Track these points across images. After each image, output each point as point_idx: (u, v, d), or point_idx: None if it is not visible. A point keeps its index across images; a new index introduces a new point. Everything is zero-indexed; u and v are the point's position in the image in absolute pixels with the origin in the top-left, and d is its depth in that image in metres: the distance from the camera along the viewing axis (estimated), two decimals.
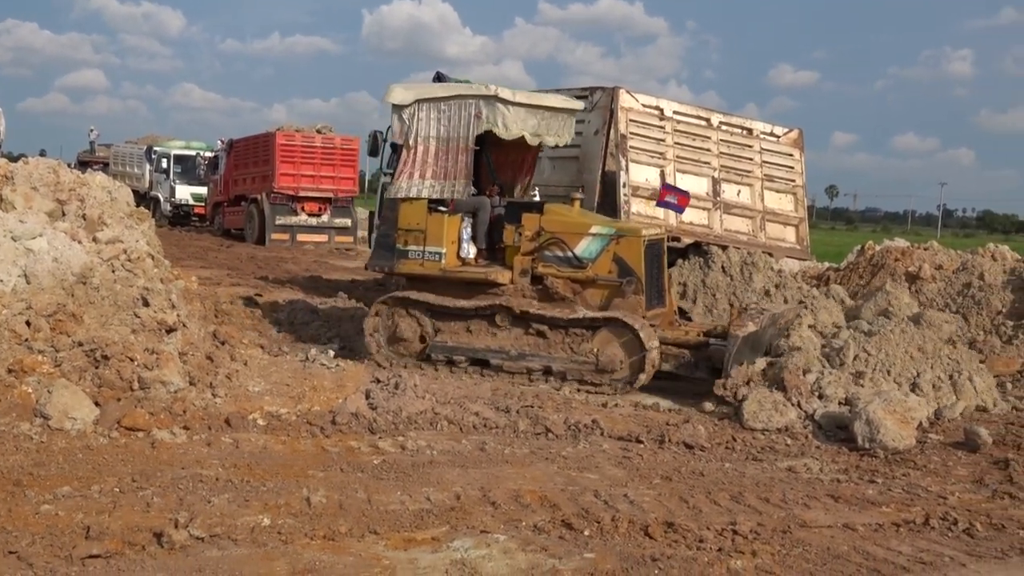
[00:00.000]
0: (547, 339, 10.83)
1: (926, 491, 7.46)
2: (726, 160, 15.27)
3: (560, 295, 10.90)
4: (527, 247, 11.15)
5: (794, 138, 16.28)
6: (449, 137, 11.27)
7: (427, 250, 11.29)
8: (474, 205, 11.64)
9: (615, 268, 10.88)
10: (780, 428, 9.12)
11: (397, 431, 8.37)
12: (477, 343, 11.09)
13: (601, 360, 10.58)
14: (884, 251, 17.48)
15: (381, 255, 11.68)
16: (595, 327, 10.69)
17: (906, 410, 8.87)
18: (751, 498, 7.00)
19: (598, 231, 11.07)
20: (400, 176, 11.34)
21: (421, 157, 11.27)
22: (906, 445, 8.63)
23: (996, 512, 6.96)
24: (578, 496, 6.81)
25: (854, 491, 7.36)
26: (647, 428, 8.91)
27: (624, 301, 10.77)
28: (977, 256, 16.44)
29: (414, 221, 11.33)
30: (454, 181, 11.19)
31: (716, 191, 15.06)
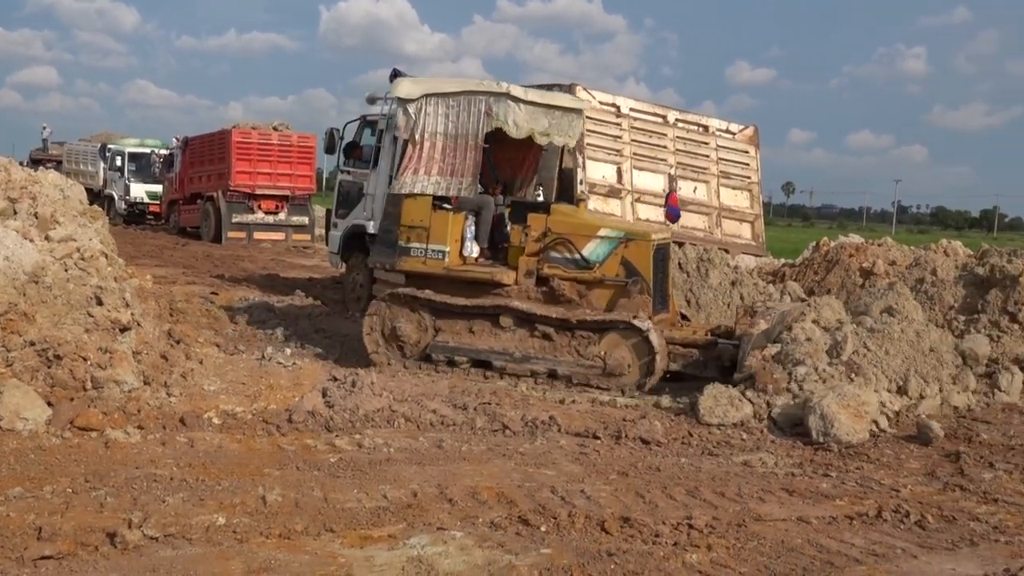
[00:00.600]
0: (553, 341, 10.73)
1: (879, 484, 7.54)
2: (682, 157, 15.37)
3: (566, 297, 10.83)
4: (532, 247, 11.05)
5: (750, 135, 16.40)
6: (457, 134, 11.19)
7: (430, 248, 11.16)
8: (478, 203, 11.55)
9: (623, 271, 10.83)
10: (736, 423, 9.18)
11: (354, 429, 8.35)
12: (480, 344, 10.97)
13: (609, 363, 10.52)
14: (839, 247, 17.64)
15: (382, 251, 11.51)
16: (603, 330, 10.62)
17: (859, 404, 8.96)
18: (707, 492, 7.05)
19: (607, 233, 10.99)
20: (404, 171, 11.24)
21: (427, 153, 11.18)
22: (859, 439, 8.71)
23: (947, 504, 7.05)
24: (535, 492, 6.83)
25: (808, 485, 7.43)
26: (604, 424, 8.94)
27: (630, 302, 10.72)
28: (930, 252, 16.65)
29: (417, 218, 11.19)
30: (461, 178, 11.13)
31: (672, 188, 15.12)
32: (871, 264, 16.27)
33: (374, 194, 15.29)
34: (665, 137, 15.32)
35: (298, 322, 13.93)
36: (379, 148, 15.33)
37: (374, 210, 15.27)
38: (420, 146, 11.18)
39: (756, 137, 16.39)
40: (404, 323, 11.23)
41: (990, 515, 6.85)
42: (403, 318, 11.25)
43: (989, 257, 15.51)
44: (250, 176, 29.58)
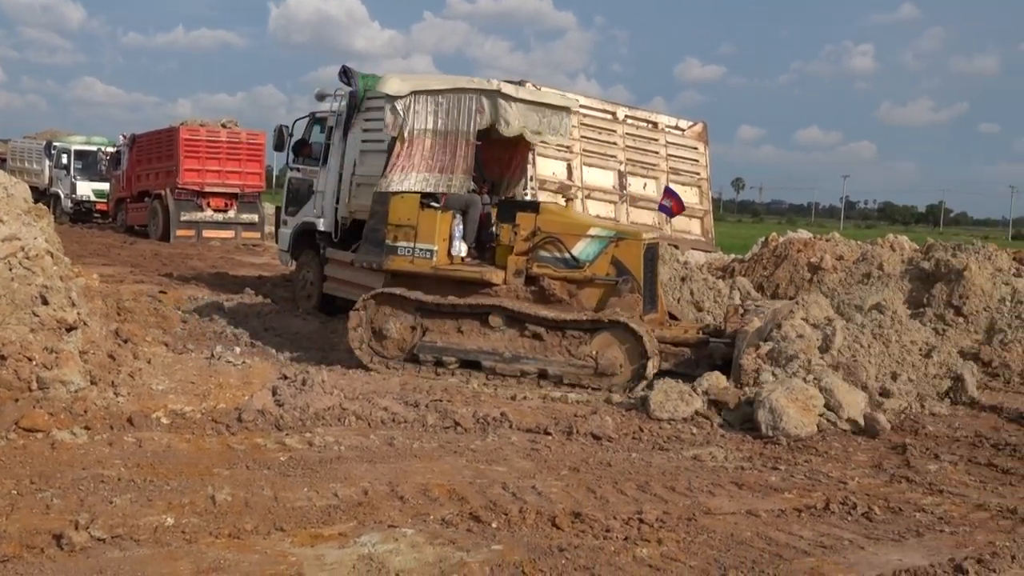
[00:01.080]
0: (543, 341, 10.64)
1: (827, 477, 7.62)
2: (632, 153, 15.44)
3: (556, 296, 10.75)
4: (521, 247, 10.93)
5: (699, 131, 16.50)
6: (447, 131, 11.15)
7: (418, 247, 11.04)
8: (465, 202, 11.45)
9: (613, 270, 10.76)
10: (686, 418, 9.24)
11: (304, 427, 8.31)
12: (468, 344, 10.86)
13: (601, 363, 10.45)
14: (787, 242, 17.80)
15: (369, 250, 11.41)
16: (595, 329, 10.55)
17: (808, 398, 9.04)
18: (657, 487, 7.09)
19: (597, 233, 10.93)
20: (392, 169, 11.14)
21: (416, 150, 11.11)
22: (808, 432, 8.80)
23: (894, 496, 7.14)
24: (486, 489, 6.83)
25: (757, 478, 7.49)
26: (555, 420, 8.95)
27: (621, 301, 10.67)
28: (876, 247, 16.85)
29: (405, 216, 11.08)
30: (451, 175, 11.10)
31: (622, 184, 15.20)
32: (819, 259, 16.43)
33: (324, 191, 15.23)
34: (615, 134, 15.37)
35: (248, 320, 13.84)
36: (328, 145, 15.28)
37: (324, 207, 15.22)
38: (409, 144, 11.11)
39: (705, 133, 16.49)
40: (391, 323, 11.09)
41: (935, 506, 6.95)
42: (390, 318, 11.12)
43: (934, 251, 15.74)
44: (199, 174, 29.34)
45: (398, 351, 11.09)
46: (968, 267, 14.39)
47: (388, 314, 11.11)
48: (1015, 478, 7.86)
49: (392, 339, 11.07)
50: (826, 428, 9.02)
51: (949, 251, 15.56)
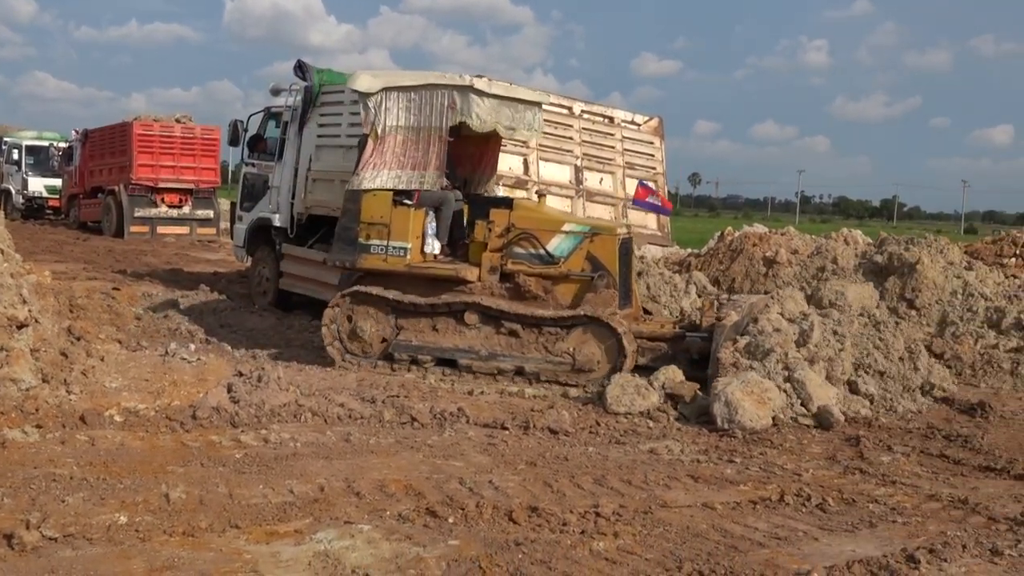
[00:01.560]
0: (520, 338, 10.62)
1: (782, 469, 7.68)
2: (588, 148, 15.45)
3: (532, 293, 10.68)
4: (496, 243, 10.85)
5: (654, 126, 16.55)
6: (420, 127, 11.05)
7: (391, 245, 10.95)
8: (438, 199, 11.36)
9: (588, 266, 10.74)
10: (642, 412, 9.28)
11: (260, 424, 8.26)
12: (444, 342, 10.81)
13: (578, 359, 10.43)
14: (742, 237, 17.91)
15: (341, 249, 11.28)
16: (571, 326, 10.54)
17: (763, 391, 9.11)
18: (614, 480, 7.11)
19: (572, 228, 10.89)
20: (364, 167, 11.03)
21: (388, 147, 11.01)
22: (763, 425, 8.87)
23: (847, 487, 7.21)
24: (443, 484, 6.82)
25: (713, 471, 7.54)
26: (512, 415, 8.97)
27: (596, 296, 10.64)
28: (831, 240, 16.99)
29: (378, 214, 10.99)
30: (423, 172, 11.01)
31: (578, 179, 15.22)
32: (774, 253, 16.54)
33: (279, 187, 15.15)
34: (571, 128, 15.38)
35: (203, 317, 13.73)
36: (284, 140, 15.19)
37: (279, 203, 15.14)
38: (381, 140, 11.02)
39: (661, 128, 16.54)
40: (365, 322, 11.02)
41: (888, 497, 7.03)
42: (363, 316, 11.04)
43: (887, 245, 15.89)
44: (152, 169, 29.04)
45: (372, 350, 11.03)
46: (920, 261, 14.54)
47: (362, 313, 11.05)
48: (966, 469, 7.97)
49: (366, 338, 11.01)
50: (782, 421, 9.10)
51: (902, 245, 15.71)
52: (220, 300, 15.34)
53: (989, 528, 6.38)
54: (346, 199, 11.34)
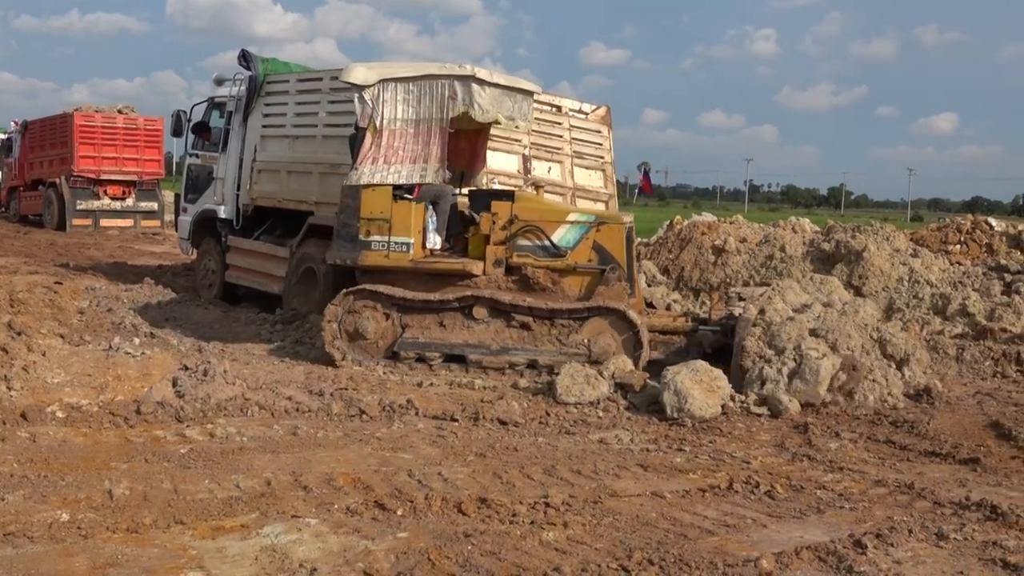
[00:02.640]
0: (532, 331, 10.58)
1: (731, 457, 7.74)
2: (536, 137, 15.40)
3: (541, 285, 10.64)
4: (499, 236, 10.78)
5: (602, 115, 16.55)
6: (419, 119, 10.86)
7: (393, 240, 10.81)
8: (435, 193, 11.25)
9: (595, 256, 10.72)
10: (592, 401, 9.32)
11: (206, 419, 8.19)
12: (453, 338, 10.73)
13: (594, 351, 10.41)
14: (691, 226, 18.02)
15: (342, 247, 11.06)
16: (586, 317, 10.54)
17: (712, 379, 9.18)
18: (563, 471, 7.13)
19: (577, 218, 10.87)
20: (363, 161, 10.81)
21: (387, 141, 10.81)
22: (712, 413, 8.93)
23: (795, 474, 7.28)
24: (392, 476, 6.80)
25: (663, 460, 7.58)
26: (462, 406, 8.97)
27: (608, 289, 10.62)
28: (779, 229, 17.14)
29: (378, 210, 10.82)
30: (424, 165, 10.85)
31: (526, 168, 15.17)
32: (723, 242, 16.66)
33: (224, 178, 15.03)
34: None
35: (148, 311, 13.59)
36: (228, 130, 15.07)
37: (224, 194, 15.03)
38: (379, 134, 10.81)
39: (608, 117, 16.54)
40: (368, 320, 10.84)
41: (836, 483, 7.10)
42: (367, 315, 10.86)
43: (834, 233, 16.07)
44: (95, 161, 28.72)
45: (376, 349, 10.90)
46: (867, 248, 14.73)
47: (365, 311, 10.89)
48: (912, 454, 8.07)
49: (369, 337, 10.85)
50: (732, 409, 9.16)
51: (849, 233, 15.91)
52: (165, 293, 15.20)
53: (935, 512, 6.47)
54: (344, 195, 11.13)
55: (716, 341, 10.71)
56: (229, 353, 11.00)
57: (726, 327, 11.09)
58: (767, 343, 9.92)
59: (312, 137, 13.93)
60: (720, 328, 10.91)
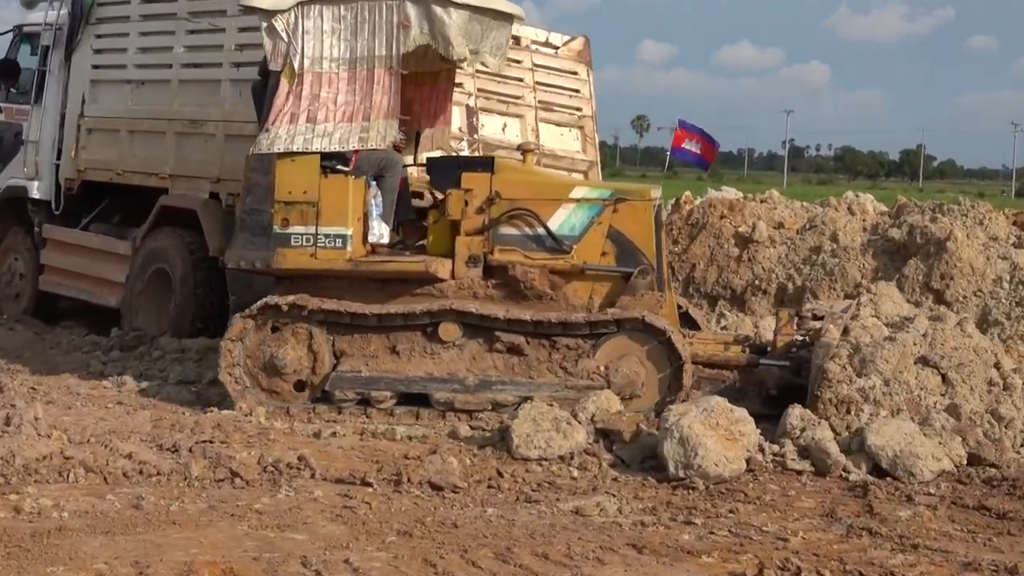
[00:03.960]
0: (525, 357, 10.54)
1: (760, 532, 7.78)
2: (485, 82, 15.41)
3: (535, 291, 10.62)
4: (473, 223, 10.74)
5: (578, 50, 16.57)
6: (356, 57, 10.69)
7: (322, 232, 10.66)
8: (379, 164, 11.12)
9: (613, 250, 10.74)
10: (564, 456, 9.34)
11: (9, 486, 8.15)
12: (411, 370, 10.64)
13: (615, 382, 10.39)
14: (706, 206, 18.02)
15: (248, 243, 10.87)
16: (602, 334, 10.50)
17: (732, 423, 9.22)
18: (523, 555, 7.13)
19: (585, 195, 10.93)
20: (277, 120, 10.64)
21: (310, 90, 10.66)
22: (733, 471, 8.97)
23: (851, 555, 7.32)
24: (278, 566, 6.79)
25: (664, 537, 7.60)
26: (378, 464, 9.00)
27: (636, 300, 10.58)
28: (829, 210, 17.23)
29: (300, 188, 10.68)
30: (365, 123, 10.70)
31: (472, 125, 15.19)
32: (750, 228, 16.73)
33: (38, 141, 14.95)
34: None
35: None
36: (44, 74, 14.99)
37: (39, 165, 14.93)
38: (299, 81, 10.64)
39: (587, 52, 16.52)
40: (287, 347, 10.72)
41: (909, 567, 7.14)
42: (286, 340, 10.75)
43: (907, 215, 16.20)
44: None
45: (300, 389, 10.83)
46: (953, 236, 14.84)
47: (282, 334, 10.78)
48: (1015, 525, 8.14)
49: (289, 370, 10.74)
50: (761, 464, 9.22)
51: (927, 214, 16.02)
52: None
53: None
54: (250, 168, 10.96)
55: (782, 379, 10.67)
56: (43, 392, 10.94)
57: (798, 360, 10.89)
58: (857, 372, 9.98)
59: (165, 82, 13.89)
60: (790, 361, 10.83)
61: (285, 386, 10.78)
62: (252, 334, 10.77)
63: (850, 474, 9.17)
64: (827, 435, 9.45)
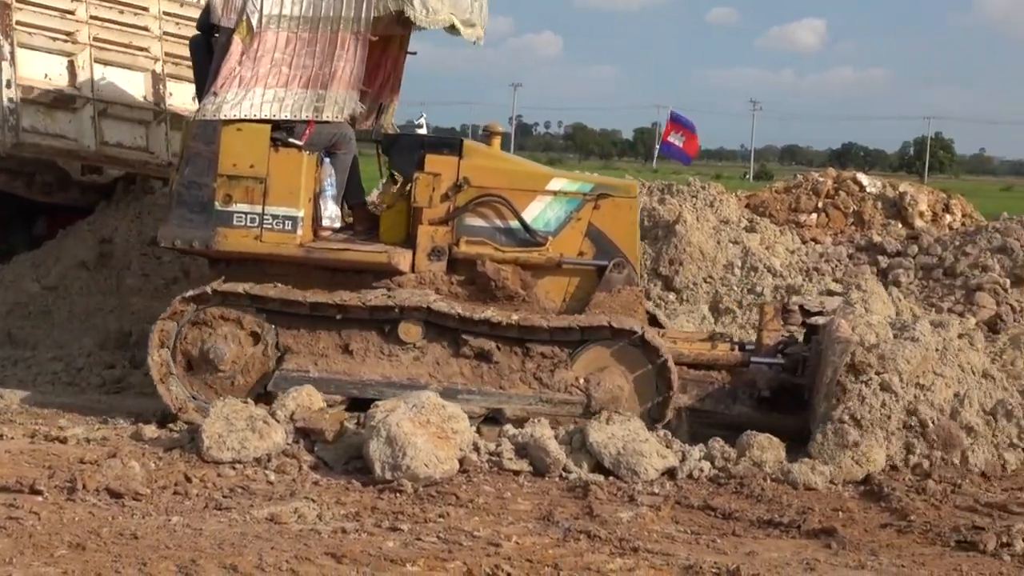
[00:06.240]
0: (495, 364, 10.36)
1: (471, 537, 7.86)
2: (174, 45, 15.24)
3: (506, 290, 10.48)
4: (439, 211, 10.58)
5: None
6: (319, 17, 10.37)
7: (270, 212, 10.41)
8: (332, 138, 10.90)
9: (591, 247, 10.68)
10: (260, 458, 9.31)
11: None
12: (366, 372, 10.43)
13: (596, 397, 10.25)
14: None
15: (184, 220, 10.56)
16: (580, 342, 10.34)
17: (444, 420, 9.28)
18: (210, 566, 7.08)
19: (564, 187, 10.81)
20: (225, 83, 10.34)
21: (266, 51, 10.35)
22: (446, 472, 9.05)
23: (567, 560, 7.45)
24: None
25: (367, 545, 7.63)
26: (49, 470, 8.86)
27: (612, 297, 10.52)
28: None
29: (247, 161, 10.42)
30: (322, 92, 10.43)
31: (158, 93, 15.00)
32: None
33: None
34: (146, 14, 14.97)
35: None
36: None
37: None
38: (256, 40, 10.32)
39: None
40: (225, 341, 10.49)
41: (627, 572, 7.31)
42: (223, 333, 10.51)
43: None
44: None
45: (237, 385, 10.59)
46: (681, 219, 15.20)
47: (219, 326, 10.56)
48: (741, 525, 8.40)
49: (225, 368, 10.51)
50: (476, 465, 9.31)
51: (656, 196, 16.39)
52: None
53: None
54: (191, 136, 10.75)
55: (774, 379, 10.79)
56: None
57: (794, 357, 11.08)
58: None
59: None
60: (785, 359, 11.00)
61: (221, 385, 10.59)
62: (184, 330, 10.58)
63: (571, 474, 9.34)
64: (546, 432, 9.60)
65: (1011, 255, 15.80)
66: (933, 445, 9.62)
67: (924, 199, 19.34)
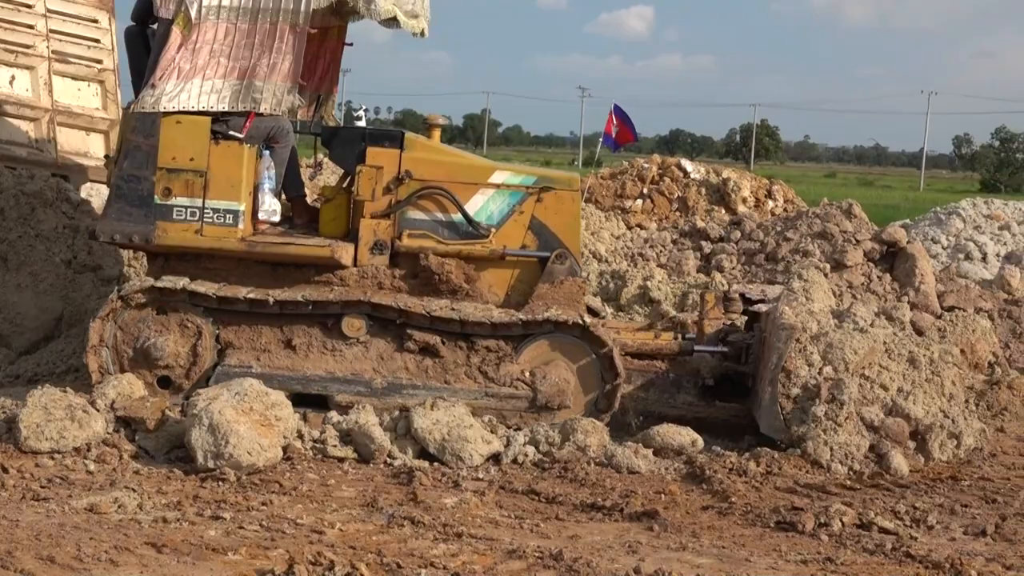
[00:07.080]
0: (440, 359, 10.27)
1: (294, 525, 7.91)
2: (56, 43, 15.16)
3: (449, 283, 10.43)
4: (380, 204, 10.49)
5: None
6: (259, 9, 10.24)
7: (210, 206, 10.25)
8: (269, 130, 10.76)
9: (534, 241, 10.66)
10: (79, 448, 9.23)
11: None
12: (309, 367, 10.30)
13: (542, 391, 10.20)
14: None
15: (123, 214, 10.34)
16: (524, 336, 10.31)
17: (268, 407, 9.28)
18: (26, 558, 7.02)
19: (506, 180, 10.76)
20: (165, 74, 10.14)
21: (205, 42, 10.18)
22: (269, 460, 9.06)
23: (390, 547, 7.52)
24: None
25: (188, 534, 7.62)
26: None
27: (555, 288, 10.47)
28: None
29: (187, 154, 10.24)
30: (260, 84, 10.31)
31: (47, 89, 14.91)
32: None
33: None
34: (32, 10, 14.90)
35: None
36: None
37: None
38: (195, 32, 10.15)
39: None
40: (164, 336, 10.28)
41: (450, 557, 7.39)
42: (163, 327, 10.31)
43: None
44: None
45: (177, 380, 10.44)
46: None
47: (158, 321, 10.36)
48: (564, 509, 8.53)
49: (164, 363, 10.34)
50: (300, 452, 9.33)
51: None
52: None
53: None
54: (130, 128, 10.53)
55: (717, 368, 10.90)
56: None
57: (737, 345, 11.22)
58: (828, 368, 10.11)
59: None
60: (728, 347, 11.09)
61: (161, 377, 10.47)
62: (123, 326, 10.41)
63: (396, 460, 9.41)
64: (371, 419, 9.65)
65: (831, 240, 16.17)
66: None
67: (747, 185, 19.75)
